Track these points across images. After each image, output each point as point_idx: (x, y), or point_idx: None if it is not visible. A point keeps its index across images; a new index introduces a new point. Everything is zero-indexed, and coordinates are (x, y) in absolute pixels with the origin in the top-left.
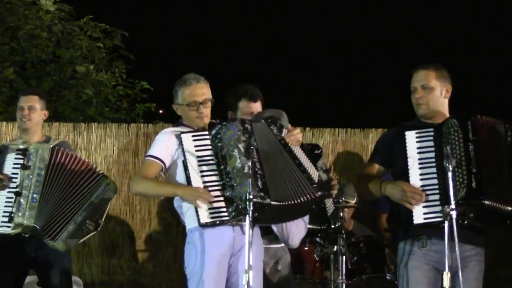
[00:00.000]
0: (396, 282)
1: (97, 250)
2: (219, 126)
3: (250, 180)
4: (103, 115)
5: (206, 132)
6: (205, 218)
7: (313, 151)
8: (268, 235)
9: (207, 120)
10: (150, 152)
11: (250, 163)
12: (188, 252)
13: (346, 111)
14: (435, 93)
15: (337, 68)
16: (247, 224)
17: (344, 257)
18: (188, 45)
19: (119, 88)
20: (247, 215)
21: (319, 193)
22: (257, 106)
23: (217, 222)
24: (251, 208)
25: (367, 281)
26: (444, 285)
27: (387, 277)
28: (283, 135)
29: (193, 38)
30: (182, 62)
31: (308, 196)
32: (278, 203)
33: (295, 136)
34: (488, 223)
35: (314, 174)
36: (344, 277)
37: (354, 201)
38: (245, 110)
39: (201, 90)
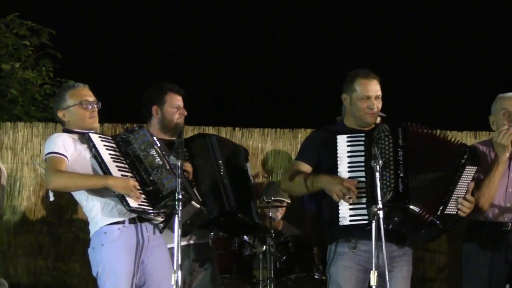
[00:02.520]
0: (324, 278)
1: (23, 251)
2: (125, 131)
3: (180, 180)
4: (30, 114)
5: (110, 137)
6: (134, 203)
7: (247, 153)
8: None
9: (97, 123)
10: (51, 150)
11: (179, 163)
12: (98, 253)
13: (275, 112)
14: (381, 102)
15: (266, 68)
16: (176, 223)
17: (272, 256)
18: (116, 44)
19: (46, 87)
20: (176, 215)
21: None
22: (181, 100)
23: (144, 209)
24: (180, 207)
25: (296, 280)
26: (371, 284)
27: (316, 276)
28: None
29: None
30: (111, 61)
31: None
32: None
33: None
34: (409, 228)
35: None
36: (272, 277)
37: (289, 201)
38: (172, 103)
39: (90, 93)
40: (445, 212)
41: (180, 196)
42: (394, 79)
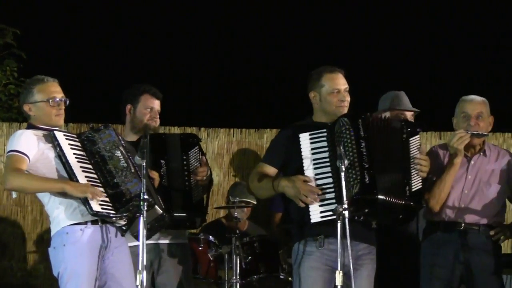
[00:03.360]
0: (290, 278)
1: None
2: (90, 130)
3: (144, 180)
4: None
5: (75, 135)
6: (97, 207)
7: (188, 140)
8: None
9: (63, 121)
10: (13, 147)
11: (144, 163)
12: (59, 253)
13: (240, 112)
14: (349, 96)
15: (232, 68)
16: (141, 224)
17: (238, 257)
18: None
19: (11, 87)
20: (141, 216)
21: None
22: (158, 104)
23: (107, 213)
24: (145, 208)
25: (261, 281)
26: (337, 284)
27: (281, 277)
28: None
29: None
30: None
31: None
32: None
33: None
34: (381, 219)
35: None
36: (238, 277)
37: (255, 202)
38: (146, 104)
39: (59, 89)
40: (413, 190)
41: (146, 196)
42: (359, 79)
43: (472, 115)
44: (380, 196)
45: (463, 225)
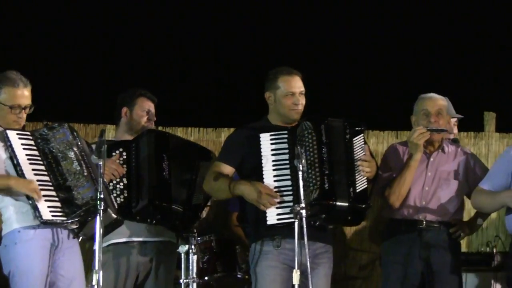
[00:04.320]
0: (247, 277)
1: None
2: (45, 128)
3: (102, 179)
4: None
5: (29, 132)
6: (47, 215)
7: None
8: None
9: (21, 125)
10: None
11: (101, 162)
12: (11, 251)
13: (198, 110)
14: (304, 99)
15: (188, 66)
16: (97, 223)
17: (195, 256)
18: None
19: None
20: (98, 215)
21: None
22: (153, 107)
23: (58, 221)
24: (102, 207)
25: (218, 280)
26: (294, 283)
27: (238, 276)
28: None
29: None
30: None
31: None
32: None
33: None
34: (336, 221)
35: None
36: (195, 276)
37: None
38: (142, 106)
39: (27, 94)
40: (357, 190)
41: (102, 196)
42: (316, 78)
43: (432, 112)
44: (338, 203)
45: (424, 222)
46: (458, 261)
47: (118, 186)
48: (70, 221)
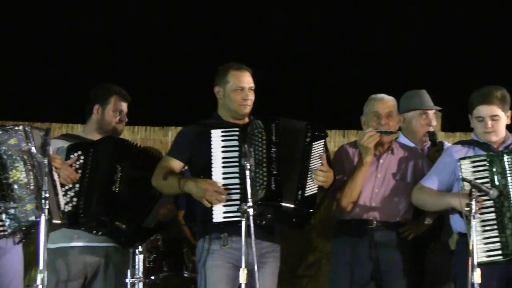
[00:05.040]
0: (193, 275)
1: None
2: None
3: (46, 178)
4: None
5: None
6: None
7: None
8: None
9: None
10: None
11: (46, 161)
12: None
13: (145, 109)
14: (254, 94)
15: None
16: (42, 225)
17: (141, 255)
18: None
19: None
20: (42, 214)
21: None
22: (126, 107)
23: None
24: (47, 206)
25: (165, 279)
26: (241, 281)
27: (185, 275)
28: None
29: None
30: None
31: None
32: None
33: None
34: (282, 222)
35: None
36: (141, 276)
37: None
38: (116, 106)
39: None
40: (306, 194)
41: (47, 195)
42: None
43: (383, 114)
44: (284, 204)
45: (374, 223)
46: (407, 261)
47: (69, 192)
48: (10, 235)
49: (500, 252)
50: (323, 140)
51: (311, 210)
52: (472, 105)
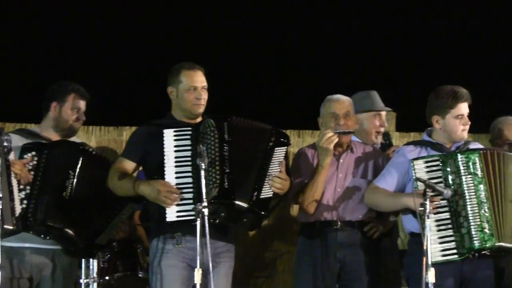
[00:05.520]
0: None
1: None
2: None
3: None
4: None
5: None
6: None
7: None
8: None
9: None
10: None
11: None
12: None
13: (99, 108)
14: (207, 94)
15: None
16: None
17: (96, 255)
18: None
19: None
20: None
21: None
22: (84, 105)
23: None
24: None
25: (119, 280)
26: (195, 282)
27: (140, 275)
28: None
29: None
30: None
31: None
32: None
33: None
34: (234, 221)
35: None
36: (95, 276)
37: None
38: (74, 104)
39: None
40: (261, 197)
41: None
42: (219, 75)
43: (341, 115)
44: (237, 202)
45: (338, 223)
46: (373, 260)
47: (20, 194)
48: None
49: (455, 251)
50: (286, 148)
51: (263, 213)
52: (448, 105)
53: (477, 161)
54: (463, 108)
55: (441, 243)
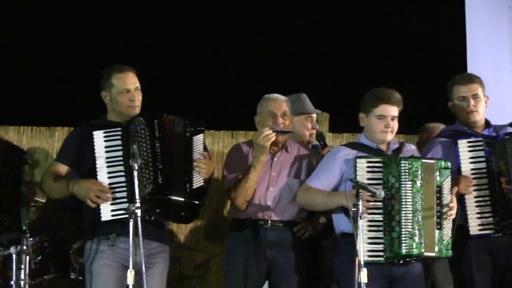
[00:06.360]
0: (80, 278)
1: None
2: None
3: None
4: None
5: None
6: None
7: None
8: None
9: None
10: None
11: None
12: None
13: (31, 109)
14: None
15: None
16: None
17: (27, 257)
18: None
19: None
20: None
21: None
22: None
23: None
24: None
25: (51, 281)
26: (128, 283)
27: (72, 276)
28: None
29: None
30: None
31: None
32: None
33: None
34: (171, 216)
35: None
36: (27, 278)
37: (44, 200)
38: None
39: None
40: (193, 187)
41: None
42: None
43: (279, 114)
44: (172, 197)
45: (269, 222)
46: (302, 260)
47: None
48: None
49: (382, 253)
50: (202, 134)
51: (199, 203)
52: (373, 104)
53: (419, 170)
54: (386, 109)
55: (370, 243)
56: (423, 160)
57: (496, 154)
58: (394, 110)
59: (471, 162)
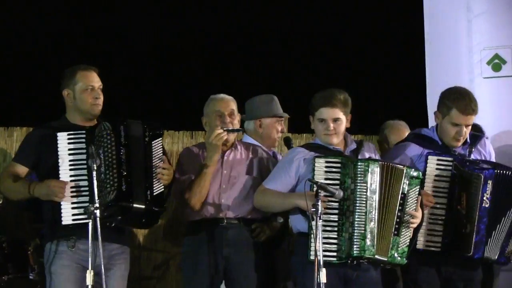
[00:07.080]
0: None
1: None
2: None
3: None
4: None
5: None
6: None
7: None
8: None
9: None
10: None
11: None
12: None
13: None
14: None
15: None
16: None
17: None
18: None
19: None
20: None
21: None
22: None
23: None
24: None
25: (9, 282)
26: (87, 283)
27: (30, 277)
28: None
29: None
30: None
31: None
32: None
33: None
34: (131, 223)
35: None
36: None
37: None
38: None
39: None
40: (154, 194)
41: None
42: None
43: (226, 113)
44: (135, 205)
45: (224, 220)
46: (259, 258)
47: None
48: None
49: (335, 254)
50: (161, 139)
51: (159, 209)
52: (314, 107)
53: (376, 172)
54: (325, 112)
55: (324, 243)
56: (381, 163)
57: (461, 183)
58: (335, 112)
59: (436, 180)
